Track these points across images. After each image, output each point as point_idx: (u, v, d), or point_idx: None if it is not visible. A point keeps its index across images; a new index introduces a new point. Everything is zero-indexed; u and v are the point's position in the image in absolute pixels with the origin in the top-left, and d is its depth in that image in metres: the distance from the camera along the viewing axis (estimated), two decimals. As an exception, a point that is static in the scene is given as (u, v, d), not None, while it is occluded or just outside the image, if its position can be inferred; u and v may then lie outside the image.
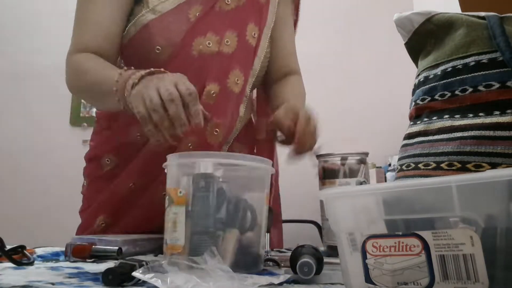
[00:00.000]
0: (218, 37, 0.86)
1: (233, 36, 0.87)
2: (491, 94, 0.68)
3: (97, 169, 0.93)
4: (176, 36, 0.83)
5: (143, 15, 0.83)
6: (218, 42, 0.86)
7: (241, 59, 0.88)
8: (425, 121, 0.77)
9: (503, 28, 0.69)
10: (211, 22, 0.86)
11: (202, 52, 0.84)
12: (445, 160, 0.70)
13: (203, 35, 0.85)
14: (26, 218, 2.68)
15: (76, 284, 0.50)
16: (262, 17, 0.93)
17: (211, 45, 0.85)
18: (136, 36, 0.84)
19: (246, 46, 0.89)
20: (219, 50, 0.86)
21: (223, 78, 0.86)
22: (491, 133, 0.67)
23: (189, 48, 0.84)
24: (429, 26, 0.80)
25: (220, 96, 0.85)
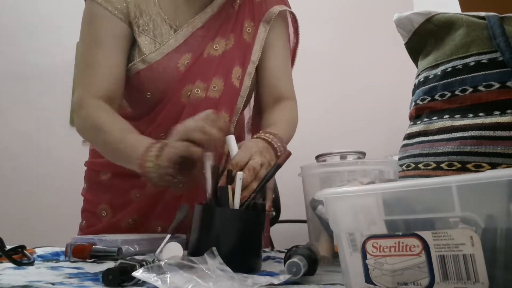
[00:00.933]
0: (205, 84, 0.90)
1: (219, 82, 0.91)
2: (491, 94, 0.68)
3: (96, 176, 0.98)
4: (165, 84, 0.88)
5: (134, 64, 0.88)
6: (206, 89, 0.90)
7: (226, 101, 0.92)
8: (425, 121, 0.77)
9: (503, 28, 0.69)
10: (199, 70, 0.90)
11: (190, 98, 0.89)
12: (445, 160, 0.70)
13: (191, 83, 0.89)
14: (26, 218, 2.69)
15: (76, 284, 0.50)
16: (247, 57, 0.95)
17: (199, 92, 0.89)
18: (129, 81, 0.89)
19: (231, 88, 0.92)
20: (207, 95, 0.90)
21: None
22: (491, 133, 0.66)
23: (178, 95, 0.89)
24: (429, 26, 0.80)
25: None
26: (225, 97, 0.92)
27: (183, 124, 0.72)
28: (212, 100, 0.90)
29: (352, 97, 3.23)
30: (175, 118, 0.87)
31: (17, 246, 0.70)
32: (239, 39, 0.95)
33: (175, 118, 0.87)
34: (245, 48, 0.96)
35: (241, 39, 0.95)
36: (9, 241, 0.70)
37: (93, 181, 0.99)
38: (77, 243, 0.70)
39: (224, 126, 0.71)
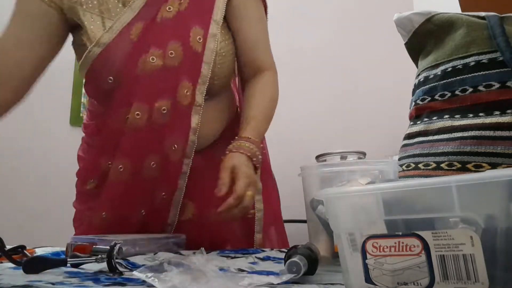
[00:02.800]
0: (161, 50, 0.82)
1: (177, 46, 0.83)
2: (491, 94, 0.68)
3: (82, 185, 0.95)
4: (122, 62, 0.81)
5: (90, 51, 0.81)
6: (162, 55, 0.82)
7: (187, 69, 0.84)
8: (425, 121, 0.77)
9: (503, 28, 0.69)
10: (153, 35, 0.83)
11: (145, 69, 0.81)
12: (445, 160, 0.70)
13: (145, 52, 0.82)
14: (26, 218, 2.68)
15: (76, 284, 0.50)
16: (207, 16, 0.86)
17: (154, 61, 0.82)
18: (89, 71, 0.84)
19: (192, 53, 0.84)
20: (164, 63, 0.82)
21: (172, 92, 0.83)
22: (491, 133, 0.66)
23: (133, 68, 0.82)
24: (429, 26, 0.80)
25: (172, 111, 0.83)
26: (186, 63, 0.83)
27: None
28: (171, 69, 0.82)
29: (352, 97, 3.22)
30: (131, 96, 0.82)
31: (17, 246, 0.70)
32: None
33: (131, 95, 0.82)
34: (205, 5, 0.87)
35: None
36: (9, 241, 0.70)
37: (79, 191, 0.97)
38: (78, 243, 0.70)
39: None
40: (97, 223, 0.89)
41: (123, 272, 0.57)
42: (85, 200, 0.95)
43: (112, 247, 0.57)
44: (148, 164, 0.85)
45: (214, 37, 0.86)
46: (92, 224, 0.90)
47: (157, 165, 0.85)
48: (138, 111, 0.82)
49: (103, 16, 0.83)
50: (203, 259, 0.51)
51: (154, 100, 0.82)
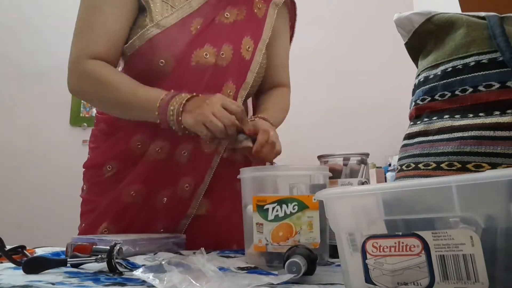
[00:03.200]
0: (215, 49, 0.90)
1: (228, 49, 0.91)
2: (491, 94, 0.68)
3: (97, 175, 0.95)
4: (178, 49, 0.87)
5: (148, 30, 0.86)
6: (215, 54, 0.90)
7: (234, 72, 0.93)
8: (425, 121, 0.77)
9: (503, 28, 0.69)
10: (209, 34, 0.90)
11: (199, 63, 0.89)
12: (445, 160, 0.70)
13: (201, 47, 0.89)
14: (26, 218, 2.68)
15: (76, 284, 0.50)
16: (258, 32, 0.96)
17: (208, 56, 0.89)
18: (140, 49, 0.87)
19: (240, 59, 0.93)
20: (216, 62, 0.90)
21: (217, 90, 0.89)
22: (491, 133, 0.66)
23: (188, 59, 0.88)
24: (429, 26, 0.80)
25: None
26: (233, 67, 0.92)
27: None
28: (220, 67, 0.90)
29: (352, 97, 3.23)
30: (180, 85, 0.86)
31: (17, 246, 0.70)
32: (250, 11, 0.96)
33: (180, 85, 0.86)
34: (256, 23, 0.97)
35: (252, 12, 0.97)
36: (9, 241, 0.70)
37: (93, 181, 0.97)
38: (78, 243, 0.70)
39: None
40: (119, 208, 0.91)
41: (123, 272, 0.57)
42: (102, 189, 0.95)
43: (112, 247, 0.57)
44: (180, 151, 0.90)
45: (261, 51, 0.96)
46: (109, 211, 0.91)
47: (188, 153, 0.90)
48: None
49: (167, 2, 0.89)
50: (203, 259, 0.51)
51: (201, 93, 0.86)
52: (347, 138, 3.22)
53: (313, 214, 0.62)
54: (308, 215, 0.61)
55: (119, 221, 0.91)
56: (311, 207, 0.62)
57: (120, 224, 0.91)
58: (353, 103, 3.25)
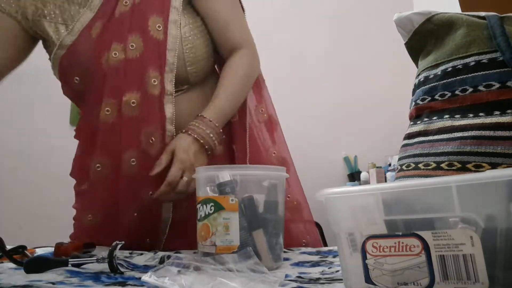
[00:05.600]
0: (122, 44, 0.83)
1: (136, 38, 0.83)
2: (491, 94, 0.68)
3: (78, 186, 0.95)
4: (86, 61, 0.83)
5: (55, 53, 0.85)
6: (123, 49, 0.83)
7: (151, 58, 0.83)
8: (425, 121, 0.77)
9: (503, 28, 0.69)
10: (112, 31, 0.84)
11: (110, 65, 0.82)
12: (445, 160, 0.70)
13: (107, 48, 0.83)
14: (26, 218, 2.68)
15: (76, 284, 0.50)
16: (164, 5, 0.85)
17: (117, 55, 0.83)
18: (58, 74, 0.87)
19: (153, 43, 0.83)
20: (126, 56, 0.82)
21: (140, 83, 0.83)
22: (491, 133, 0.66)
23: (99, 66, 0.83)
24: (429, 26, 0.80)
25: (143, 103, 0.83)
26: (149, 53, 0.83)
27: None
28: (133, 60, 0.82)
29: (352, 97, 3.23)
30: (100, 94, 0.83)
31: (18, 246, 0.70)
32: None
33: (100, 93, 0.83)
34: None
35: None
36: (9, 241, 0.70)
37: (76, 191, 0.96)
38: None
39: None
40: (87, 226, 0.88)
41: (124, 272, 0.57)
42: (80, 201, 0.94)
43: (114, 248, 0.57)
44: (127, 162, 0.83)
45: (176, 23, 0.85)
46: (83, 226, 0.89)
47: (137, 161, 0.83)
48: (108, 107, 0.83)
49: (66, 24, 0.85)
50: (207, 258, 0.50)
51: (122, 94, 0.82)
52: (347, 138, 3.22)
53: (230, 215, 0.59)
54: (224, 216, 0.59)
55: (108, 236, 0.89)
56: (227, 209, 0.59)
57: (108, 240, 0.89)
58: (353, 103, 3.24)
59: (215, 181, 0.61)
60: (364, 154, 3.14)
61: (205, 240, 0.60)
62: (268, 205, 0.63)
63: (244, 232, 0.60)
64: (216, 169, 0.64)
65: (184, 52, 0.85)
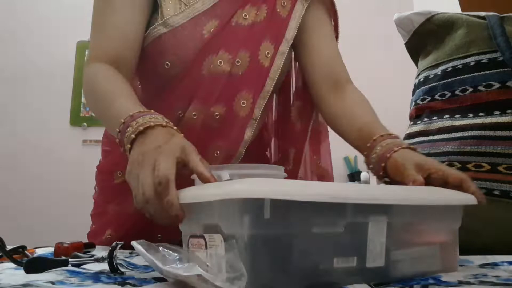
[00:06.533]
0: (230, 55, 0.81)
1: (245, 56, 0.82)
2: (491, 94, 0.68)
3: (108, 180, 0.90)
4: (186, 53, 0.79)
5: (154, 28, 0.79)
6: (231, 61, 0.81)
7: (250, 81, 0.83)
8: (425, 121, 0.77)
9: (503, 28, 0.70)
10: (225, 38, 0.81)
11: (212, 72, 0.80)
12: (445, 160, 0.70)
13: (215, 53, 0.80)
14: (26, 218, 2.69)
15: (76, 284, 0.50)
16: (280, 33, 0.85)
17: (222, 64, 0.80)
18: (147, 48, 0.81)
19: (257, 67, 0.83)
20: (231, 70, 0.81)
21: (229, 100, 0.81)
22: (491, 133, 0.67)
23: (199, 66, 0.80)
24: (430, 26, 0.80)
25: (225, 118, 0.81)
26: (249, 75, 0.82)
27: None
28: (235, 76, 0.81)
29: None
30: (191, 95, 0.80)
31: (18, 246, 0.70)
32: (272, 11, 0.85)
33: (191, 94, 0.80)
34: (279, 23, 0.86)
35: (274, 11, 0.85)
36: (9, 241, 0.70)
37: (104, 185, 0.92)
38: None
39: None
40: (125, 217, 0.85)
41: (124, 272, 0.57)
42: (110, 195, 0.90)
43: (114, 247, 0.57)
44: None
45: (283, 55, 0.85)
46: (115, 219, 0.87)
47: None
48: (195, 112, 0.80)
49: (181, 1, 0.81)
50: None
51: (212, 104, 0.80)
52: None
53: None
54: None
55: (122, 228, 0.89)
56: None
57: (121, 232, 0.89)
58: (353, 103, 3.24)
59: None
60: (364, 154, 3.14)
61: None
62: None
63: None
64: (216, 168, 0.64)
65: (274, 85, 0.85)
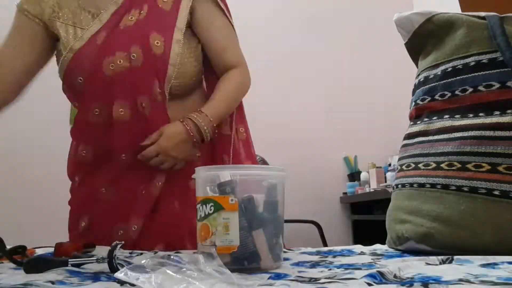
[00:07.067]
0: (125, 53, 0.94)
1: (138, 50, 0.94)
2: (491, 94, 0.68)
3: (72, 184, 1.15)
4: (89, 63, 0.94)
5: (65, 56, 0.96)
6: (127, 57, 0.94)
7: (151, 70, 0.95)
8: (425, 121, 0.77)
9: (503, 28, 0.69)
10: (117, 40, 0.95)
11: (115, 70, 0.93)
12: (445, 160, 0.70)
13: (112, 54, 0.94)
14: (26, 218, 2.68)
15: (76, 284, 0.50)
16: (168, 24, 0.98)
17: (122, 62, 0.93)
18: (65, 75, 0.98)
19: (151, 56, 0.95)
20: (130, 65, 0.94)
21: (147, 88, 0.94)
22: (491, 133, 0.66)
23: (99, 69, 0.93)
24: (429, 26, 0.80)
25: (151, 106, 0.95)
26: (148, 65, 0.95)
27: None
28: (136, 69, 0.94)
29: (352, 97, 3.22)
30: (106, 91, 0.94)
31: (18, 246, 0.70)
32: (153, 7, 0.99)
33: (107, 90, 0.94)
34: (162, 16, 0.99)
35: (156, 7, 0.99)
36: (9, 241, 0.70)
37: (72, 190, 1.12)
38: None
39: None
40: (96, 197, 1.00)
41: (124, 272, 0.57)
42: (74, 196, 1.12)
43: (114, 247, 0.57)
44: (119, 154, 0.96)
45: (179, 42, 0.98)
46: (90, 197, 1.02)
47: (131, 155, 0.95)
48: (121, 108, 0.94)
49: (75, 26, 0.99)
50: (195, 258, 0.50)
51: (133, 97, 0.94)
52: (347, 138, 3.22)
53: (230, 215, 0.60)
54: (224, 216, 0.60)
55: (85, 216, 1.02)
56: (227, 209, 0.59)
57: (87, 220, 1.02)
58: (353, 103, 3.24)
59: (214, 181, 0.62)
60: (364, 154, 3.13)
61: (204, 240, 0.60)
62: (268, 205, 0.63)
63: (244, 232, 0.60)
64: (216, 169, 0.64)
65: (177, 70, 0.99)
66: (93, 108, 0.96)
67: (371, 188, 2.82)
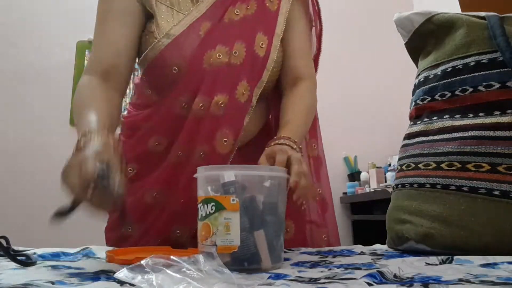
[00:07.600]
0: (227, 48, 0.89)
1: (241, 47, 0.90)
2: (491, 94, 0.68)
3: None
4: (188, 54, 0.88)
5: (159, 41, 0.88)
6: (228, 53, 0.89)
7: (248, 71, 0.90)
8: (425, 121, 0.77)
9: (503, 28, 0.70)
10: (219, 34, 0.90)
11: (213, 64, 0.88)
12: (445, 160, 0.70)
13: (212, 48, 0.88)
14: (26, 218, 2.68)
15: (76, 284, 0.50)
16: (271, 27, 0.93)
17: (221, 57, 0.89)
18: (154, 60, 0.89)
19: (254, 56, 0.91)
20: (229, 61, 0.89)
21: (232, 89, 0.89)
22: (491, 133, 0.67)
23: (200, 62, 0.88)
24: (429, 26, 0.80)
25: (229, 106, 0.88)
26: (247, 65, 0.90)
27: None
28: (234, 67, 0.89)
29: (352, 97, 3.22)
30: (195, 88, 0.88)
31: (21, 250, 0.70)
32: (261, 5, 0.94)
33: (195, 87, 0.88)
34: (268, 17, 0.94)
35: (264, 6, 0.94)
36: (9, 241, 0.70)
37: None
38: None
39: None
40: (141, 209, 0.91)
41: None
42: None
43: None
44: (198, 155, 0.88)
45: (276, 48, 0.93)
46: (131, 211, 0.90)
47: (204, 155, 0.88)
48: (202, 103, 0.87)
49: (173, 8, 0.91)
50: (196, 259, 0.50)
51: (215, 94, 0.88)
52: (347, 138, 3.22)
53: (231, 215, 0.60)
54: (225, 216, 0.60)
55: (141, 221, 0.91)
56: (228, 208, 0.60)
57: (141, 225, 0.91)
58: (353, 103, 3.24)
59: (217, 181, 0.62)
60: (364, 154, 3.13)
61: (205, 240, 0.60)
62: (268, 206, 0.63)
63: (245, 232, 0.60)
64: (218, 169, 0.64)
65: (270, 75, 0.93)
66: (183, 100, 0.89)
67: (371, 188, 2.82)
